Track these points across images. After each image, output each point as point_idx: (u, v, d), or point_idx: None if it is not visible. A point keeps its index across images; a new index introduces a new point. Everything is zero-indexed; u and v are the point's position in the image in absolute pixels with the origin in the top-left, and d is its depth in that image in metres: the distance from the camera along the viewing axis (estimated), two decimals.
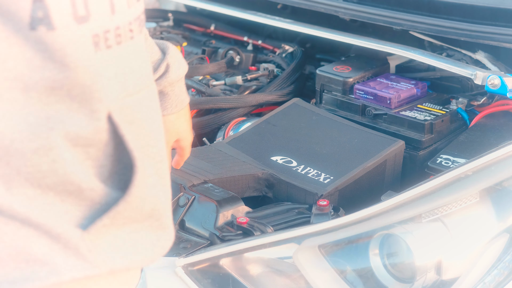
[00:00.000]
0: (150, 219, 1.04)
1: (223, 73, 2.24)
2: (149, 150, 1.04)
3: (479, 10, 1.86)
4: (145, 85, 1.04)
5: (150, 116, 1.06)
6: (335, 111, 1.94)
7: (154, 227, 1.05)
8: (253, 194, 1.70)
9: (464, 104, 1.87)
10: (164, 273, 1.42)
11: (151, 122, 1.06)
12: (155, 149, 1.06)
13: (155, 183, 1.04)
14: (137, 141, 1.01)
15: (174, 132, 1.56)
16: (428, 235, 1.41)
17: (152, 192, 1.03)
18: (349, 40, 2.00)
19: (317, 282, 1.39)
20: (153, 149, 1.05)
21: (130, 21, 0.99)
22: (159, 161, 1.07)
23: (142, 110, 1.04)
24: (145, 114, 1.04)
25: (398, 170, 1.75)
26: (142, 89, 1.03)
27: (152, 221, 1.05)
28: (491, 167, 1.46)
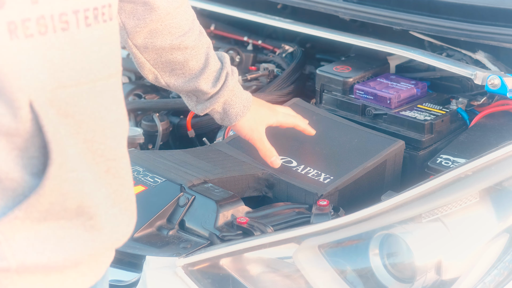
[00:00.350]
0: (80, 217, 1.01)
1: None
2: (94, 146, 1.02)
3: (479, 10, 1.86)
4: (90, 79, 1.01)
5: (97, 112, 1.03)
6: (335, 111, 1.94)
7: (87, 227, 1.02)
8: (253, 194, 1.70)
9: (464, 104, 1.87)
10: (164, 273, 1.42)
11: (98, 118, 1.03)
12: (103, 146, 1.03)
13: (86, 179, 1.01)
14: (73, 134, 0.99)
15: (259, 125, 1.63)
16: (428, 235, 1.41)
17: (78, 188, 1.00)
18: (349, 40, 2.00)
19: (317, 282, 1.39)
20: (101, 146, 1.03)
21: (64, 12, 0.97)
22: (108, 159, 1.04)
23: (84, 104, 1.01)
24: (89, 109, 1.01)
25: (398, 170, 1.75)
26: (84, 83, 1.01)
27: (84, 219, 1.02)
28: (491, 167, 1.46)
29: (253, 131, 1.64)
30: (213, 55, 1.57)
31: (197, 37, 1.53)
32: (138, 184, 1.65)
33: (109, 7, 1.05)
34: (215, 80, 1.57)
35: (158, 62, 1.52)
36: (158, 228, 1.55)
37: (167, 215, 1.56)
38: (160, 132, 1.98)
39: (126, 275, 1.50)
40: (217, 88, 1.57)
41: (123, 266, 1.52)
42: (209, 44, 1.57)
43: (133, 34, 1.46)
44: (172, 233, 1.53)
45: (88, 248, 1.03)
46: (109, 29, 1.06)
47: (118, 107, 1.08)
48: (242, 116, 1.62)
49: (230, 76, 1.59)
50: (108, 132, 1.05)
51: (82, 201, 1.01)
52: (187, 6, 1.51)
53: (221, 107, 1.60)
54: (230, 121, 1.62)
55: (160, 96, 2.18)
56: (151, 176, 1.66)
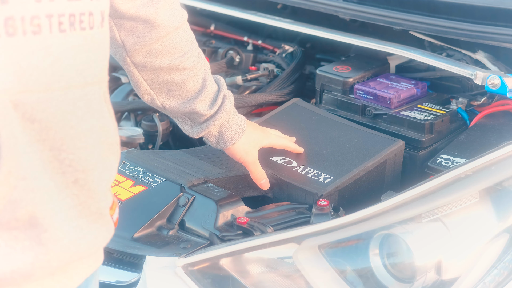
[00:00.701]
0: (34, 229, 1.00)
1: (223, 73, 2.24)
2: (61, 155, 1.01)
3: (479, 10, 1.86)
4: (61, 86, 1.00)
5: (67, 120, 1.02)
6: (335, 111, 1.94)
7: (42, 239, 1.00)
8: (253, 194, 1.70)
9: (464, 104, 1.87)
10: (164, 273, 1.42)
11: (68, 126, 1.02)
12: (72, 156, 1.02)
13: (40, 188, 0.99)
14: (38, 141, 0.98)
15: (253, 148, 1.62)
16: (428, 235, 1.41)
17: (29, 197, 0.98)
18: (349, 40, 2.00)
19: (317, 282, 1.39)
20: (69, 155, 1.02)
21: (36, 15, 0.97)
22: (76, 170, 1.03)
23: (53, 111, 1.00)
24: (58, 116, 1.00)
25: (398, 170, 1.75)
26: (54, 89, 0.99)
27: (38, 231, 1.00)
28: (491, 167, 1.46)
29: (248, 154, 1.63)
30: (210, 77, 1.56)
31: (196, 58, 1.51)
32: (138, 184, 1.65)
33: (89, 15, 1.04)
34: (212, 102, 1.55)
35: (155, 82, 1.49)
36: (158, 228, 1.55)
37: (167, 215, 1.56)
38: (160, 132, 1.98)
39: (126, 275, 1.51)
40: (214, 110, 1.55)
41: (123, 266, 1.52)
42: (206, 66, 1.56)
43: (132, 52, 1.44)
44: (172, 233, 1.53)
45: (39, 261, 1.01)
46: (88, 38, 1.04)
47: (93, 117, 1.06)
48: (238, 139, 1.60)
49: (227, 99, 1.57)
50: (78, 142, 1.04)
51: (34, 211, 0.99)
52: (187, 27, 1.49)
53: (217, 130, 1.58)
54: (225, 144, 1.60)
55: None
56: (151, 176, 1.66)
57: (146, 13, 1.38)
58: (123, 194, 1.63)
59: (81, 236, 1.06)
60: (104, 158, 1.10)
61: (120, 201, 1.61)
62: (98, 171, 1.08)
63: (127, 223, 1.55)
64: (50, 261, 1.03)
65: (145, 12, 1.38)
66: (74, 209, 1.05)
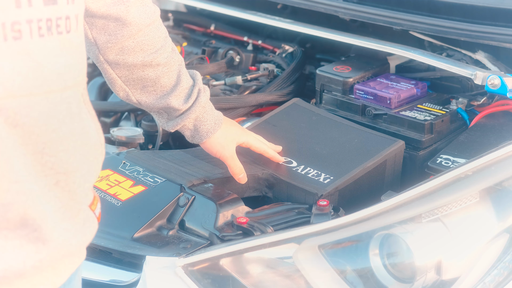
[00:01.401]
0: (24, 229, 1.02)
1: (223, 73, 2.24)
2: (43, 158, 1.03)
3: (479, 10, 1.87)
4: (43, 90, 1.02)
5: (49, 124, 1.03)
6: (335, 111, 1.94)
7: (32, 239, 1.03)
8: (253, 194, 1.70)
9: (464, 104, 1.87)
10: (164, 273, 1.42)
11: (49, 130, 1.03)
12: (53, 159, 1.04)
13: (31, 190, 1.01)
14: (21, 145, 0.99)
15: (230, 142, 1.62)
16: (428, 235, 1.41)
17: (21, 199, 1.00)
18: (349, 40, 2.00)
19: (317, 282, 1.39)
20: (51, 158, 1.03)
21: (17, 21, 0.98)
22: (58, 172, 1.05)
23: (35, 116, 1.01)
24: (40, 120, 1.02)
25: (398, 170, 1.75)
26: (36, 94, 1.01)
27: (28, 231, 1.02)
28: (491, 167, 1.46)
29: (224, 148, 1.62)
30: (185, 72, 1.56)
31: (169, 54, 1.51)
32: (138, 184, 1.65)
33: (66, 19, 1.05)
34: (187, 96, 1.55)
35: (129, 79, 1.50)
36: (158, 228, 1.55)
37: (167, 215, 1.56)
38: (160, 132, 1.98)
39: (126, 275, 1.51)
40: (189, 105, 1.55)
41: (123, 266, 1.52)
42: (181, 61, 1.56)
43: (104, 50, 1.44)
44: (172, 233, 1.53)
45: (31, 259, 1.03)
46: (65, 42, 1.05)
47: (73, 120, 1.08)
48: (213, 133, 1.60)
49: (202, 93, 1.58)
50: (60, 145, 1.05)
51: (25, 212, 1.01)
52: (159, 23, 1.49)
53: (192, 123, 1.58)
54: (200, 138, 1.60)
55: None
56: (151, 176, 1.66)
57: (117, 11, 1.39)
58: (123, 194, 1.63)
59: (70, 236, 1.09)
60: (86, 159, 1.11)
61: (120, 201, 1.61)
62: (79, 172, 1.10)
63: (127, 223, 1.56)
64: (42, 260, 1.05)
65: (116, 10, 1.38)
66: (59, 212, 1.07)
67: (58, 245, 1.06)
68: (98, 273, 1.54)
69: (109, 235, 1.54)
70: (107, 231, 1.55)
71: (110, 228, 1.56)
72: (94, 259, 1.55)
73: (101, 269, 1.54)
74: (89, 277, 1.52)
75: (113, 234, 1.54)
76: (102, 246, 1.53)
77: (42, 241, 1.04)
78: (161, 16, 2.72)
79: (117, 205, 1.61)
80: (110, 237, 1.54)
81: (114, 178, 1.69)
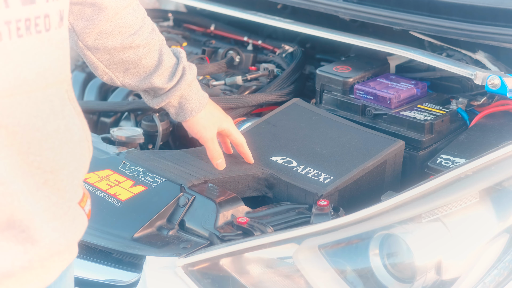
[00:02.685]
0: (11, 230, 1.02)
1: (223, 73, 2.24)
2: (29, 158, 1.03)
3: (479, 10, 1.86)
4: (24, 90, 1.02)
5: (32, 123, 1.03)
6: (335, 111, 1.94)
7: (20, 239, 1.03)
8: (253, 194, 1.70)
9: (464, 104, 1.87)
10: (164, 273, 1.42)
11: (33, 129, 1.03)
12: (40, 158, 1.04)
13: (17, 191, 1.01)
14: (6, 146, 0.99)
15: (212, 124, 1.61)
16: (428, 235, 1.41)
17: (7, 201, 1.00)
18: (349, 40, 2.00)
19: (317, 282, 1.39)
20: (37, 158, 1.03)
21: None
22: (46, 171, 1.05)
23: (18, 116, 1.01)
24: (23, 120, 1.02)
25: (398, 170, 1.75)
26: (17, 94, 1.01)
27: (16, 232, 1.02)
28: (491, 167, 1.46)
29: (206, 129, 1.62)
30: (167, 51, 1.56)
31: (149, 34, 1.51)
32: (138, 184, 1.65)
33: (45, 18, 1.05)
34: (171, 75, 1.55)
35: (111, 63, 1.50)
36: (158, 228, 1.55)
37: (167, 215, 1.56)
38: (160, 132, 1.98)
39: (126, 275, 1.51)
40: (174, 82, 1.55)
41: (123, 266, 1.52)
42: (162, 40, 1.56)
43: (83, 35, 1.44)
44: (172, 233, 1.53)
45: (19, 260, 1.03)
46: (45, 40, 1.05)
47: (57, 117, 1.08)
48: (198, 112, 1.60)
49: (188, 71, 1.58)
50: (45, 144, 1.05)
51: (12, 214, 1.01)
52: (136, 5, 1.49)
53: (177, 101, 1.59)
54: (184, 116, 1.60)
55: None
56: (151, 176, 1.66)
57: None
58: (123, 194, 1.63)
59: (60, 235, 1.09)
60: (72, 156, 1.11)
61: (120, 201, 1.61)
62: (66, 170, 1.10)
63: (127, 223, 1.56)
64: (31, 260, 1.05)
65: None
66: (48, 211, 1.07)
67: (47, 245, 1.06)
68: (98, 273, 1.54)
69: (109, 235, 1.54)
70: (107, 231, 1.55)
71: (110, 228, 1.56)
72: (94, 259, 1.55)
73: (101, 269, 1.54)
74: (89, 277, 1.52)
75: (113, 234, 1.54)
76: (102, 246, 1.53)
77: (31, 242, 1.04)
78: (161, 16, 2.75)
79: (117, 205, 1.61)
80: (110, 237, 1.54)
81: (114, 178, 1.69)
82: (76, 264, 1.52)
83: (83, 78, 2.39)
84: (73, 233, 1.12)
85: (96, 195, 1.64)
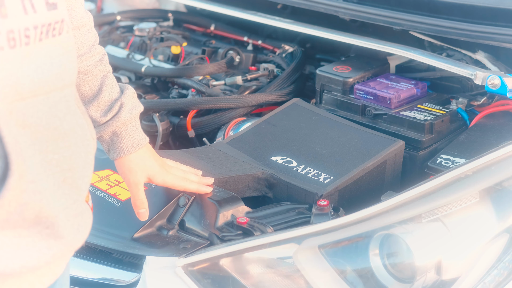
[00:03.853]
0: (37, 226, 1.05)
1: (223, 73, 2.24)
2: (48, 156, 1.06)
3: (479, 10, 1.87)
4: (45, 90, 1.05)
5: (51, 122, 1.07)
6: (335, 111, 1.94)
7: (44, 235, 1.06)
8: (253, 194, 1.70)
9: (464, 104, 1.87)
10: (164, 273, 1.42)
11: (52, 128, 1.06)
12: (57, 156, 1.07)
13: (44, 189, 1.04)
14: (30, 146, 1.02)
15: (140, 171, 1.52)
16: (428, 235, 1.41)
17: (37, 198, 1.03)
18: (349, 40, 2.00)
19: (317, 282, 1.39)
20: (55, 156, 1.06)
21: (27, 27, 1.02)
22: (64, 169, 1.08)
23: (40, 115, 1.05)
24: (43, 120, 1.05)
25: (398, 170, 1.75)
26: (40, 94, 1.05)
27: (40, 228, 1.05)
28: (491, 167, 1.46)
29: (131, 174, 1.52)
30: (110, 84, 1.49)
31: (93, 63, 1.46)
32: None
33: (61, 23, 1.09)
34: (107, 110, 1.48)
35: None
36: (158, 228, 1.55)
37: (167, 215, 1.56)
38: (160, 132, 1.98)
39: (126, 275, 1.51)
40: (108, 118, 1.48)
41: (123, 266, 1.52)
42: (107, 72, 1.49)
43: None
44: (172, 233, 1.53)
45: (44, 255, 1.07)
46: (58, 43, 1.09)
47: (72, 117, 1.12)
48: (126, 154, 1.50)
49: (125, 109, 1.49)
50: (61, 142, 1.08)
51: (40, 211, 1.04)
52: (87, 31, 1.44)
53: (110, 137, 1.50)
54: (114, 155, 1.51)
55: (160, 96, 2.18)
56: None
57: None
58: (123, 194, 1.63)
59: (78, 231, 1.12)
60: (84, 154, 1.14)
61: (120, 201, 1.61)
62: (80, 168, 1.12)
63: (127, 223, 1.56)
64: (54, 256, 1.08)
65: None
66: (70, 208, 1.10)
67: (69, 241, 1.10)
68: (98, 273, 1.54)
69: (109, 235, 1.54)
70: (107, 231, 1.55)
71: (110, 228, 1.56)
72: (94, 259, 1.55)
73: (101, 269, 1.54)
74: (89, 277, 1.53)
75: (113, 234, 1.55)
76: (102, 246, 1.53)
77: (54, 238, 1.07)
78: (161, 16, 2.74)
79: (117, 205, 1.61)
80: (110, 237, 1.54)
81: (114, 178, 1.69)
82: (76, 264, 1.53)
83: None
84: (85, 229, 1.15)
85: (96, 195, 1.64)
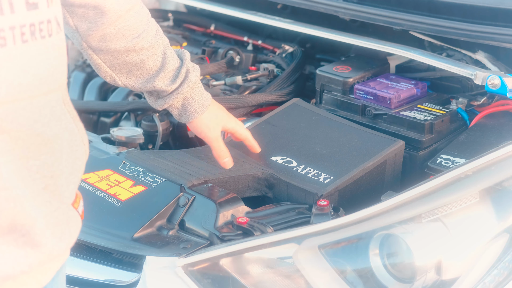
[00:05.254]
0: (12, 234, 1.02)
1: (223, 73, 2.24)
2: (28, 162, 1.03)
3: (479, 10, 1.87)
4: (28, 95, 1.02)
5: (34, 128, 1.03)
6: (335, 111, 1.94)
7: (20, 243, 1.03)
8: (253, 194, 1.70)
9: (464, 104, 1.87)
10: (164, 273, 1.42)
11: (34, 134, 1.03)
12: (38, 162, 1.04)
13: (20, 196, 1.01)
14: (8, 151, 0.99)
15: (216, 125, 1.62)
16: (428, 235, 1.41)
17: (10, 205, 1.00)
18: (349, 40, 2.00)
19: (317, 282, 1.39)
20: (35, 162, 1.03)
21: (1, 28, 0.98)
22: (45, 176, 1.05)
23: (20, 121, 1.01)
24: (25, 125, 1.02)
25: (398, 170, 1.75)
26: (21, 99, 1.01)
27: (16, 236, 1.02)
28: (491, 167, 1.46)
29: (210, 129, 1.63)
30: (171, 53, 1.56)
31: (152, 37, 1.51)
32: (138, 184, 1.65)
33: (48, 23, 1.05)
34: (174, 77, 1.56)
35: (114, 64, 1.50)
36: (158, 228, 1.55)
37: (167, 215, 1.56)
38: (160, 132, 1.98)
39: (126, 275, 1.51)
40: (176, 85, 1.55)
41: (123, 266, 1.52)
42: (166, 43, 1.56)
43: (86, 37, 1.45)
44: (172, 233, 1.53)
45: (20, 264, 1.04)
46: (48, 45, 1.05)
47: (56, 123, 1.08)
48: (201, 113, 1.61)
49: (191, 73, 1.58)
50: (44, 148, 1.05)
51: (14, 218, 1.01)
52: (140, 7, 1.49)
53: (180, 103, 1.59)
54: (188, 117, 1.61)
55: None
56: (151, 176, 1.66)
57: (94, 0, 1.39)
58: (123, 194, 1.63)
59: (59, 240, 1.09)
60: (70, 161, 1.11)
61: (120, 201, 1.61)
62: (65, 175, 1.10)
63: (127, 223, 1.56)
64: (31, 264, 1.05)
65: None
66: (49, 216, 1.07)
67: (48, 250, 1.07)
68: (98, 273, 1.54)
69: (109, 235, 1.54)
70: (107, 231, 1.55)
71: (110, 228, 1.56)
72: (94, 259, 1.55)
73: (101, 269, 1.54)
74: (89, 277, 1.52)
75: (113, 234, 1.54)
76: (102, 246, 1.53)
77: (31, 246, 1.04)
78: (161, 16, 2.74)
79: (117, 205, 1.61)
80: (110, 237, 1.54)
81: (114, 178, 1.69)
82: (76, 264, 1.53)
83: (83, 78, 2.40)
84: (70, 237, 1.12)
85: (96, 195, 1.64)
